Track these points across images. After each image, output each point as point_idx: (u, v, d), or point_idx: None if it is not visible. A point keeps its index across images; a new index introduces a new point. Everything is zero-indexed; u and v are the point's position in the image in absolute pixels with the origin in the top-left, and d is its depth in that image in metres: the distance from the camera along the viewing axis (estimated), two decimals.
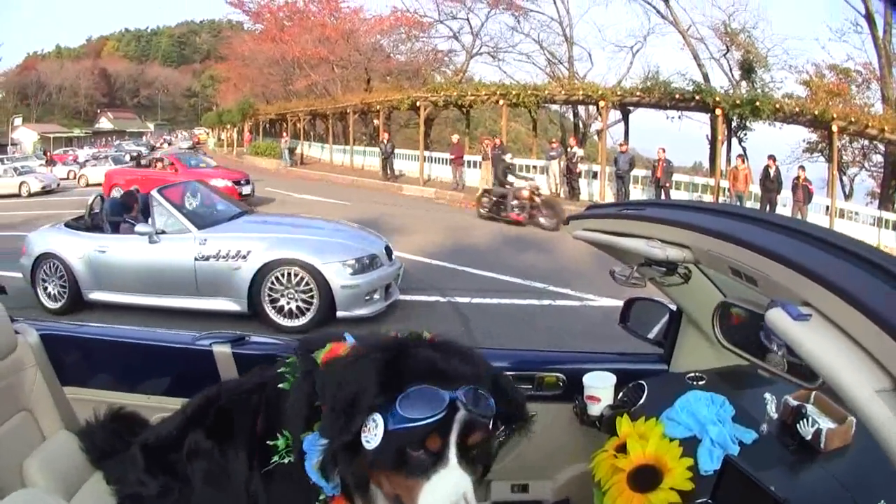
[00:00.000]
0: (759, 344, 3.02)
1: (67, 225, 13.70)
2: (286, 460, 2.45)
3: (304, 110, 57.59)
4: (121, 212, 13.65)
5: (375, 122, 49.54)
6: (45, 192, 41.91)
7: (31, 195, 40.80)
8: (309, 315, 11.32)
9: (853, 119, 30.57)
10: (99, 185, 42.84)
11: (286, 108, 61.39)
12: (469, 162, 36.86)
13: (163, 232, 12.24)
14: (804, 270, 1.87)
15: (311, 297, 11.33)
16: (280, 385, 2.60)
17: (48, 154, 65.42)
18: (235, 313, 11.59)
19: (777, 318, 1.82)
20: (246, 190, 28.73)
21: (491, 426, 2.22)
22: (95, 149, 75.04)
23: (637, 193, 31.42)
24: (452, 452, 2.06)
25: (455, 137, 38.16)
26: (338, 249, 11.76)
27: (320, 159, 54.31)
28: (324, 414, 2.28)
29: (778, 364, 2.91)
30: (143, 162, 36.93)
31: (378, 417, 2.10)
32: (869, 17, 38.80)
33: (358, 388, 2.17)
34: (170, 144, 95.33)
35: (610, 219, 3.25)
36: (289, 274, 11.37)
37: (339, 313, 11.26)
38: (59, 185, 44.97)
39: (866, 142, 40.03)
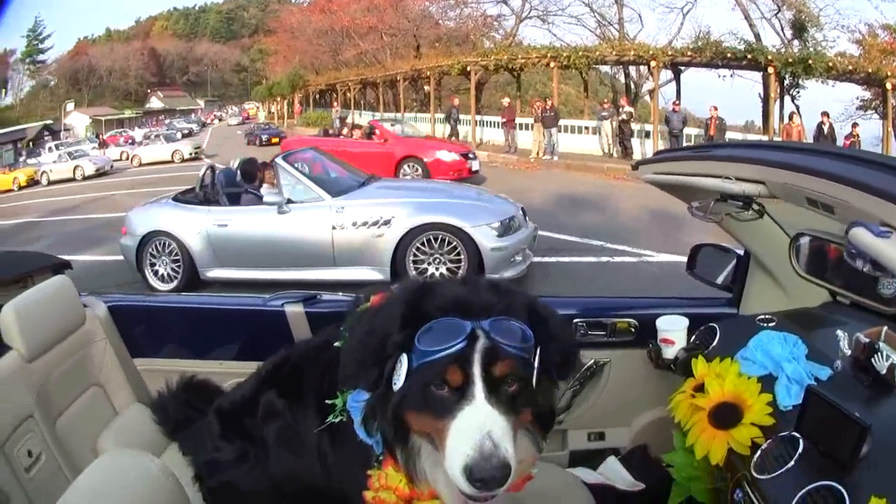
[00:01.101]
0: (837, 272, 3.07)
1: (176, 199, 13.01)
2: (338, 419, 2.42)
3: (353, 79, 57.82)
4: (237, 182, 12.88)
5: (426, 88, 49.66)
6: (99, 174, 42.24)
7: (85, 178, 41.16)
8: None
9: None
10: (152, 164, 43.88)
11: (336, 77, 61.39)
12: (520, 124, 36.52)
13: (291, 201, 11.68)
14: (881, 193, 1.94)
15: (459, 261, 11.03)
16: (335, 343, 2.53)
17: (101, 137, 65.88)
18: (376, 282, 10.90)
19: (861, 235, 1.93)
20: (475, 165, 24.79)
21: (538, 363, 2.10)
22: (148, 128, 75.23)
23: None
24: (479, 388, 1.97)
25: (506, 101, 37.58)
26: (483, 212, 11.43)
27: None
28: (361, 365, 2.20)
29: (860, 291, 2.93)
30: (330, 131, 33.42)
31: (403, 357, 2.06)
32: None
33: (383, 331, 2.14)
34: (220, 120, 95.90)
35: (679, 161, 3.31)
36: (436, 239, 11.06)
37: (488, 276, 9.52)
38: (112, 166, 45.32)
39: None
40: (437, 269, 11.04)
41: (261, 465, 2.78)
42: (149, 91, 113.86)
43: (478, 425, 1.90)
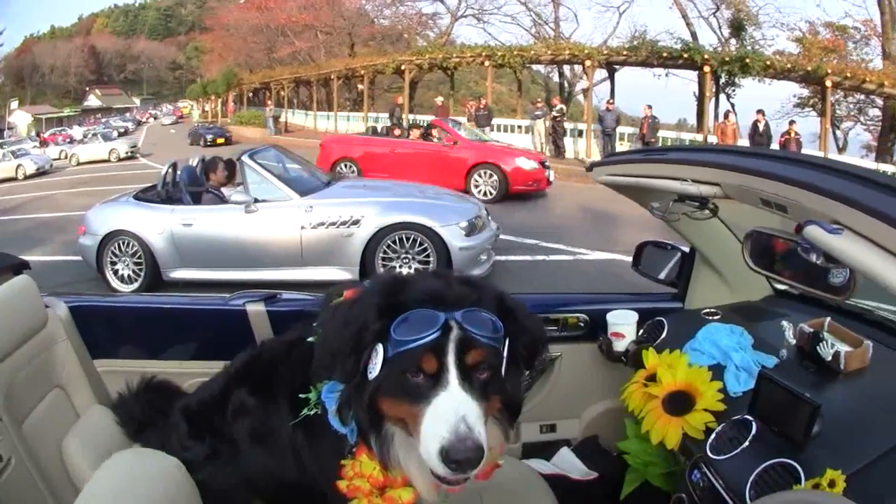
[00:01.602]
0: (787, 266, 3.11)
1: (137, 198, 12.53)
2: (313, 412, 2.42)
3: (287, 78, 57.66)
4: (199, 181, 12.57)
5: (360, 87, 49.62)
6: (40, 173, 41.67)
7: (26, 177, 40.52)
8: None
9: (849, 74, 30.99)
10: (90, 162, 43.52)
11: (270, 76, 61.40)
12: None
13: (257, 201, 11.43)
14: (831, 194, 2.07)
15: (428, 260, 10.95)
16: (309, 339, 2.49)
17: (41, 136, 65.49)
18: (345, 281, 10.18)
19: (815, 233, 2.06)
20: (551, 176, 22.23)
21: (507, 352, 2.18)
22: (86, 127, 74.64)
23: (623, 150, 30.89)
24: (452, 375, 2.03)
25: (439, 100, 37.81)
26: (450, 212, 11.40)
27: (304, 126, 53.93)
28: (336, 357, 2.22)
29: (810, 284, 2.97)
30: (379, 129, 29.56)
31: (379, 347, 2.10)
32: None
33: (360, 322, 2.16)
34: (155, 118, 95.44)
35: (634, 163, 3.41)
36: (405, 238, 11.00)
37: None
38: (52, 165, 44.87)
39: (862, 96, 40.45)
40: (406, 268, 10.90)
41: (232, 463, 2.78)
42: (87, 89, 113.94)
43: (453, 409, 1.97)
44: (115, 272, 11.90)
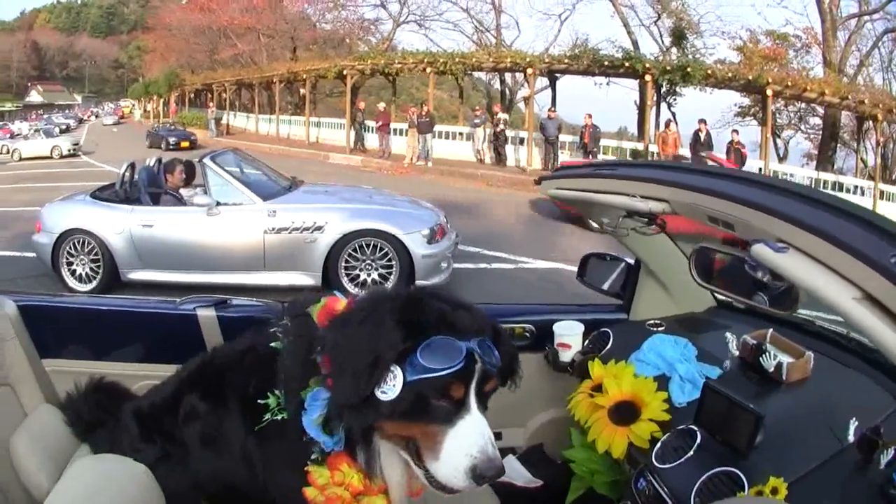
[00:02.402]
0: (732, 281, 3.21)
1: (95, 197, 12.24)
2: (279, 417, 2.45)
3: (229, 80, 57.49)
4: (158, 182, 12.40)
5: (302, 91, 49.48)
6: None
7: None
8: (388, 285, 10.56)
9: (789, 83, 31.05)
10: (32, 158, 42.93)
11: (212, 77, 61.24)
12: (395, 129, 36.59)
13: (219, 204, 11.31)
14: (777, 213, 2.16)
15: (390, 267, 10.98)
16: (272, 344, 2.56)
17: None
18: (305, 287, 10.76)
19: (762, 251, 2.14)
20: None
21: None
22: (28, 122, 73.89)
23: (564, 158, 31.64)
24: (472, 400, 2.15)
25: (381, 105, 37.81)
26: (413, 219, 11.37)
27: (246, 129, 53.98)
28: (339, 374, 2.21)
29: (754, 298, 3.06)
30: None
31: (397, 369, 2.12)
32: None
33: (380, 344, 2.15)
34: (97, 117, 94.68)
35: (584, 178, 3.44)
36: (368, 245, 10.98)
37: (419, 282, 10.71)
38: None
39: (803, 105, 41.18)
40: (368, 275, 11.04)
41: (183, 465, 2.77)
42: (29, 84, 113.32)
43: (480, 432, 2.12)
44: (72, 271, 11.72)
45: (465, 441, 2.10)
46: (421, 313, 2.22)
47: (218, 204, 11.23)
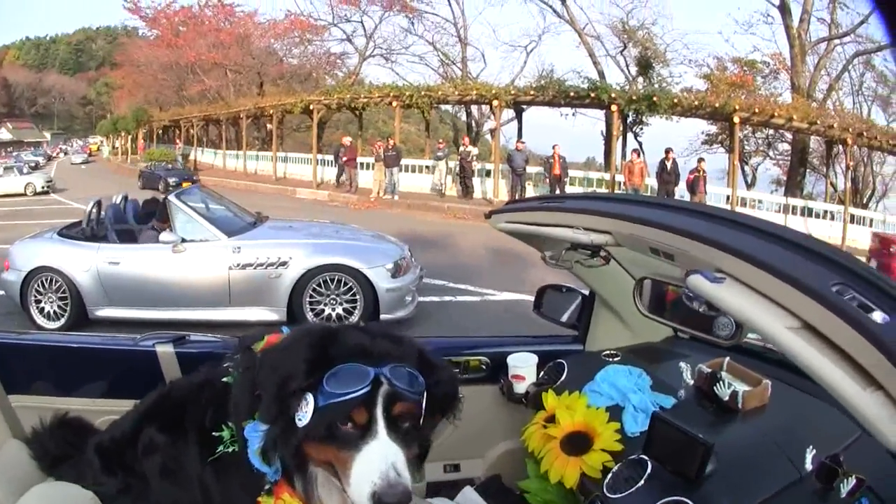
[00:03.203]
0: (677, 311, 3.27)
1: (62, 234, 12.39)
2: (230, 450, 2.48)
3: (197, 116, 57.41)
4: (125, 219, 12.70)
5: (269, 126, 49.79)
6: None
7: None
8: (353, 319, 10.80)
9: (757, 110, 31.17)
10: (6, 195, 42.47)
11: (179, 114, 61.49)
12: (361, 164, 36.78)
13: (184, 240, 11.46)
14: (714, 243, 2.16)
15: (355, 301, 11.11)
16: (224, 379, 2.62)
17: None
18: (271, 322, 10.76)
19: (698, 282, 2.13)
20: None
21: (424, 404, 2.28)
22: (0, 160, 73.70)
23: (531, 190, 31.98)
24: (381, 426, 2.15)
25: (347, 140, 37.76)
26: (376, 254, 11.56)
27: (213, 165, 54.15)
28: (263, 401, 2.28)
29: (699, 328, 3.11)
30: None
31: (309, 396, 2.17)
32: (782, 7, 40.12)
33: (289, 371, 2.22)
34: (66, 154, 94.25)
35: (532, 211, 3.47)
36: (332, 280, 11.12)
37: (383, 316, 10.93)
38: None
39: (771, 131, 41.72)
40: (333, 309, 11.16)
41: (143, 497, 2.81)
42: None
43: (383, 457, 2.10)
44: (41, 309, 11.72)
45: (368, 466, 2.09)
46: (333, 344, 2.28)
47: (183, 241, 11.37)
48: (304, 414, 2.17)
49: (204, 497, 2.62)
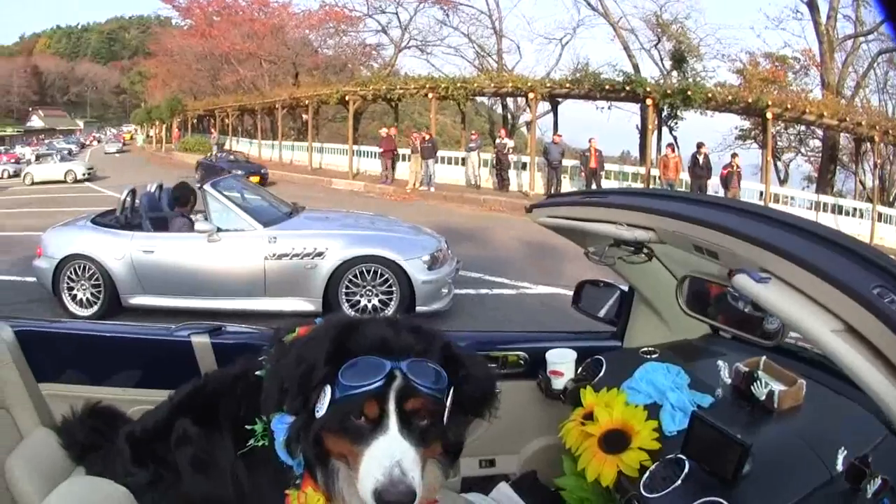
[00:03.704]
0: (719, 310, 3.30)
1: (95, 222, 12.40)
2: (261, 443, 2.48)
3: (232, 106, 57.30)
4: (159, 207, 12.64)
5: (304, 116, 49.50)
6: None
7: None
8: (389, 311, 10.61)
9: (789, 105, 30.99)
10: (45, 182, 42.93)
11: (214, 103, 61.20)
12: (398, 155, 36.63)
13: (220, 230, 11.46)
14: (760, 242, 2.15)
15: (391, 293, 11.07)
16: (257, 372, 2.60)
17: None
18: (307, 313, 10.63)
19: (743, 282, 2.13)
20: None
21: (451, 401, 2.24)
22: (30, 147, 73.65)
23: (566, 183, 31.84)
24: (393, 421, 2.11)
25: (384, 131, 37.82)
26: (414, 245, 11.55)
27: (249, 154, 53.16)
28: (288, 392, 2.27)
29: (742, 327, 3.16)
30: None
31: (328, 388, 2.16)
32: (811, 3, 39.48)
33: (312, 363, 2.22)
34: (99, 142, 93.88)
35: (573, 206, 3.48)
36: (369, 271, 11.10)
37: (419, 308, 10.91)
38: None
39: (803, 127, 41.05)
40: (369, 301, 11.11)
41: (174, 489, 2.82)
42: (30, 109, 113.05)
43: (389, 454, 2.05)
44: (73, 296, 11.75)
45: (374, 462, 2.07)
46: (355, 336, 2.27)
47: (218, 230, 11.39)
48: (322, 406, 2.18)
49: (235, 490, 2.67)
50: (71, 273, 11.73)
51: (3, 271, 14.91)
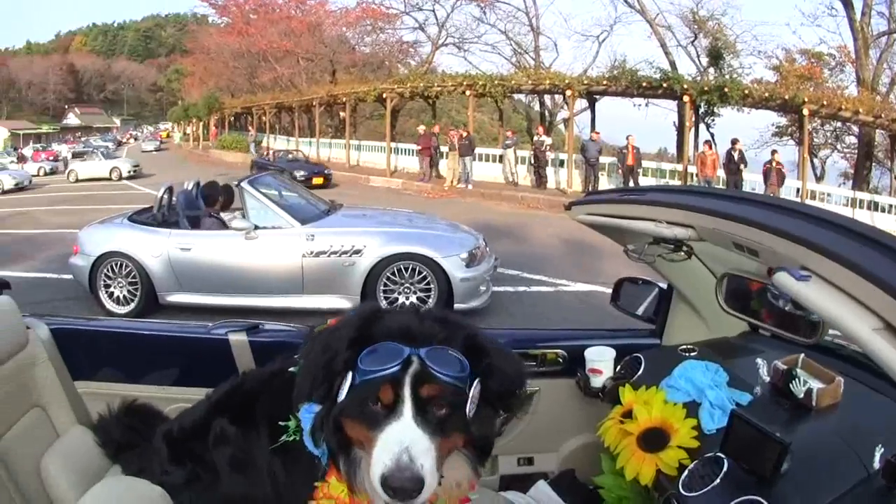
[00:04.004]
0: (759, 308, 3.29)
1: (132, 220, 12.45)
2: (292, 438, 2.51)
3: (269, 103, 57.39)
4: (196, 205, 12.44)
5: (342, 114, 49.56)
6: (18, 188, 41.49)
7: (4, 192, 40.26)
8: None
9: (825, 102, 30.71)
10: (89, 180, 42.89)
11: (252, 101, 61.33)
12: (439, 152, 36.65)
13: (257, 227, 11.46)
14: (801, 240, 2.16)
15: (429, 290, 11.06)
16: (291, 369, 2.61)
17: (19, 150, 64.77)
18: (345, 311, 10.38)
19: (784, 280, 2.13)
20: None
21: (478, 392, 2.22)
22: (67, 145, 74.09)
23: (603, 180, 31.83)
24: (407, 407, 2.09)
25: (422, 128, 37.87)
26: (451, 243, 11.50)
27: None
28: (315, 381, 2.30)
29: (782, 325, 3.16)
30: None
31: (349, 374, 2.17)
32: (845, 0, 39.00)
33: (336, 350, 2.24)
34: (136, 140, 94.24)
35: (612, 203, 3.48)
36: (407, 269, 11.09)
37: (457, 306, 10.87)
38: (30, 181, 44.42)
39: (839, 124, 40.83)
40: (407, 298, 11.10)
41: (211, 489, 2.85)
42: (66, 107, 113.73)
43: (398, 440, 2.03)
44: (110, 293, 11.80)
45: (384, 447, 2.05)
46: (378, 323, 2.29)
47: (256, 228, 11.39)
48: (342, 391, 2.18)
49: (274, 489, 2.68)
50: (108, 270, 11.81)
51: (40, 268, 15.12)
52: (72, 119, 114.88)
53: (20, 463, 3.26)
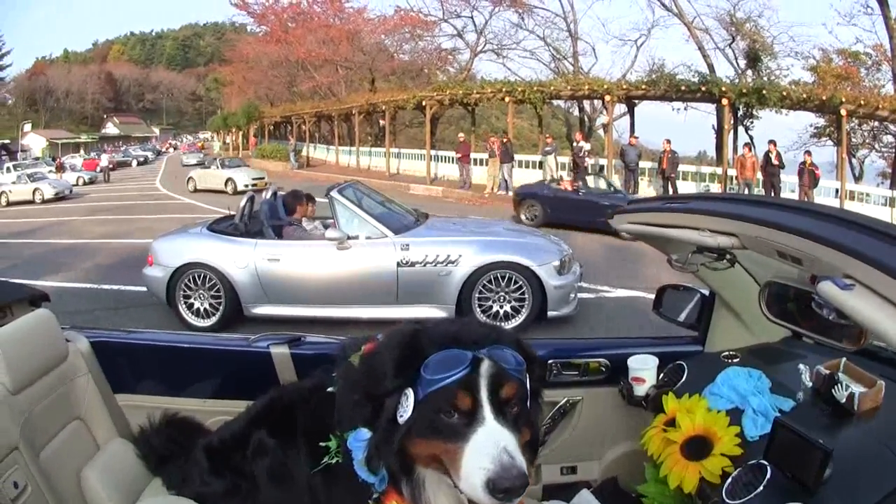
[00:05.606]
0: (802, 315, 3.22)
1: (212, 230, 12.11)
2: (334, 461, 2.48)
3: (309, 112, 57.68)
4: (279, 215, 12.07)
5: (381, 122, 49.65)
6: (58, 198, 41.29)
7: (44, 202, 40.30)
8: (521, 316, 10.90)
9: (863, 102, 30.60)
10: (205, 190, 40.62)
11: (291, 110, 61.54)
12: (475, 160, 36.80)
13: (349, 237, 11.19)
14: (845, 249, 2.16)
15: (523, 299, 10.94)
16: (328, 388, 2.65)
17: (58, 160, 64.99)
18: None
19: (828, 289, 2.14)
20: None
21: (529, 384, 2.26)
22: (106, 154, 74.38)
23: (643, 185, 31.89)
24: (487, 410, 2.09)
25: (461, 136, 37.95)
26: (544, 251, 11.37)
27: (326, 161, 54.18)
28: (362, 407, 2.31)
29: (826, 333, 3.07)
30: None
31: (409, 391, 2.15)
32: None
33: (382, 372, 2.23)
34: (175, 149, 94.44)
35: (655, 212, 3.48)
36: (502, 277, 10.96)
37: (550, 313, 10.90)
38: (71, 191, 44.30)
39: (876, 123, 40.45)
40: (501, 307, 11.00)
41: (250, 500, 2.90)
42: (105, 116, 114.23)
43: (493, 442, 2.02)
44: (189, 305, 11.51)
45: (478, 454, 2.02)
46: (424, 337, 2.27)
47: (348, 238, 11.17)
48: (406, 409, 2.15)
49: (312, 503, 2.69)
50: (188, 282, 11.47)
51: (76, 278, 15.23)
52: (110, 128, 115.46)
53: (60, 475, 3.32)
